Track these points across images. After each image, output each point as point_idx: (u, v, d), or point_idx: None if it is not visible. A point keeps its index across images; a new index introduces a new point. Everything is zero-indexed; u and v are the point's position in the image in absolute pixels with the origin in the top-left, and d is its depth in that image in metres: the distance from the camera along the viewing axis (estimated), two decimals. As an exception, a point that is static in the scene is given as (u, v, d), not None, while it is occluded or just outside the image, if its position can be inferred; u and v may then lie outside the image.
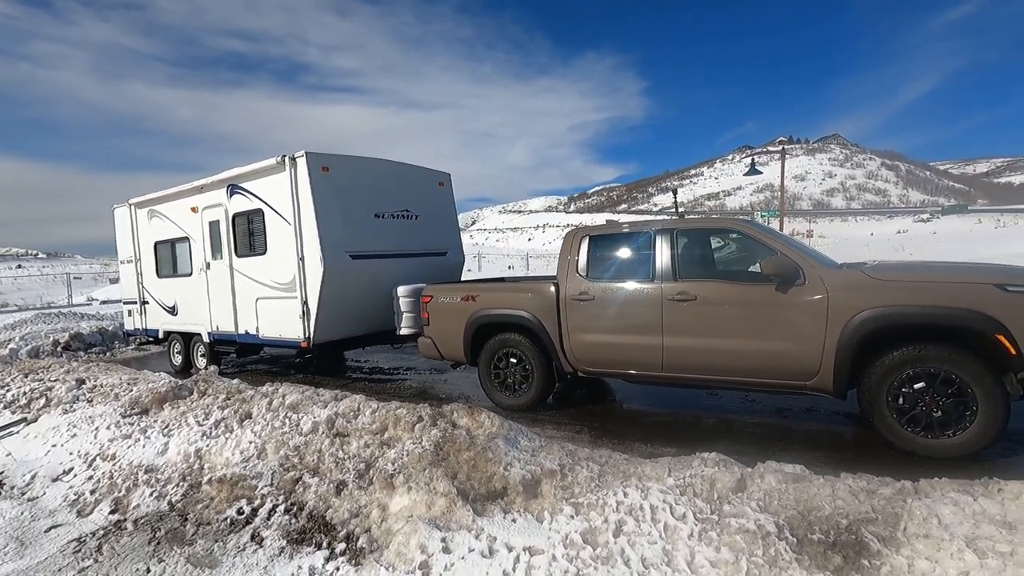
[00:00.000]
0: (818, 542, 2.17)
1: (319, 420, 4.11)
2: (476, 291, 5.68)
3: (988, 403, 3.51)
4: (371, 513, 3.12)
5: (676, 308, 4.52)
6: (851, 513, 2.27)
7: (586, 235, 5.19)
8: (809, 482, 2.52)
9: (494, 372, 5.57)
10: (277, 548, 3.02)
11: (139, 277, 9.36)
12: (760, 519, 2.31)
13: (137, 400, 5.15)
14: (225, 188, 7.48)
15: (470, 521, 2.78)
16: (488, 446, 3.28)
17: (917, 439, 3.72)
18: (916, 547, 2.06)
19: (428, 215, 7.88)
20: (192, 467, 4.02)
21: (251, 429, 4.22)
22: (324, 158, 6.59)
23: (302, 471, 3.70)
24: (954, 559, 1.98)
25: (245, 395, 4.85)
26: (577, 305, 5.01)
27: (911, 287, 3.78)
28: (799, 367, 4.09)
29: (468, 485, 3.04)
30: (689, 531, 2.36)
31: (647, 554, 2.30)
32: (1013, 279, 3.59)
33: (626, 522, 2.49)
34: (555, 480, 2.98)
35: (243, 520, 3.37)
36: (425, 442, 3.48)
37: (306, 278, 6.56)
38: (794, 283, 4.09)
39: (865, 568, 2.04)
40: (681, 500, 2.54)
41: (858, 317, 3.84)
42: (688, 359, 4.53)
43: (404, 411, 3.98)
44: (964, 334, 3.60)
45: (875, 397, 3.82)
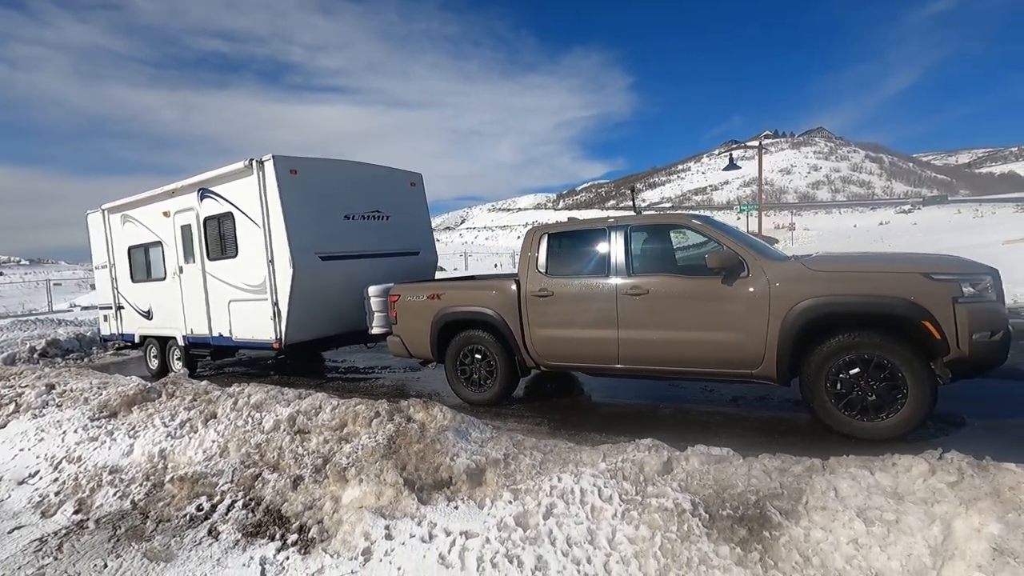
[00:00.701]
0: (727, 517, 2.32)
1: (281, 418, 4.21)
2: (441, 289, 5.80)
3: (917, 387, 3.69)
4: (324, 505, 3.23)
5: (629, 302, 4.67)
6: (761, 490, 2.42)
7: (545, 233, 5.32)
8: (729, 463, 2.67)
9: (460, 368, 5.70)
10: (232, 541, 3.13)
11: (114, 282, 9.37)
12: (678, 498, 2.46)
13: (106, 404, 5.22)
14: (196, 192, 7.53)
15: (414, 509, 2.90)
16: (437, 438, 3.40)
17: (854, 422, 3.89)
18: (813, 518, 2.22)
19: (400, 215, 7.98)
20: (156, 467, 4.11)
21: (215, 429, 4.32)
22: (292, 161, 6.66)
23: (262, 467, 3.80)
24: (845, 528, 2.13)
25: (211, 396, 4.94)
26: (537, 301, 5.14)
27: (846, 277, 3.95)
28: (745, 356, 4.25)
29: (416, 475, 3.16)
30: (613, 511, 2.50)
31: (572, 533, 2.44)
32: (939, 269, 3.77)
33: (556, 505, 2.62)
34: (499, 468, 3.11)
35: (202, 516, 3.47)
36: (379, 436, 3.60)
37: (276, 280, 6.64)
38: (738, 276, 4.25)
39: (766, 539, 2.19)
40: (610, 483, 2.68)
41: (798, 307, 4.00)
42: (642, 352, 4.68)
43: (363, 407, 4.09)
44: (894, 321, 3.78)
45: (814, 383, 3.99)
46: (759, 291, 4.16)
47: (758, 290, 4.16)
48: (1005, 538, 1.92)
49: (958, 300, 3.63)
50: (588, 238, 5.10)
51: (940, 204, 65.19)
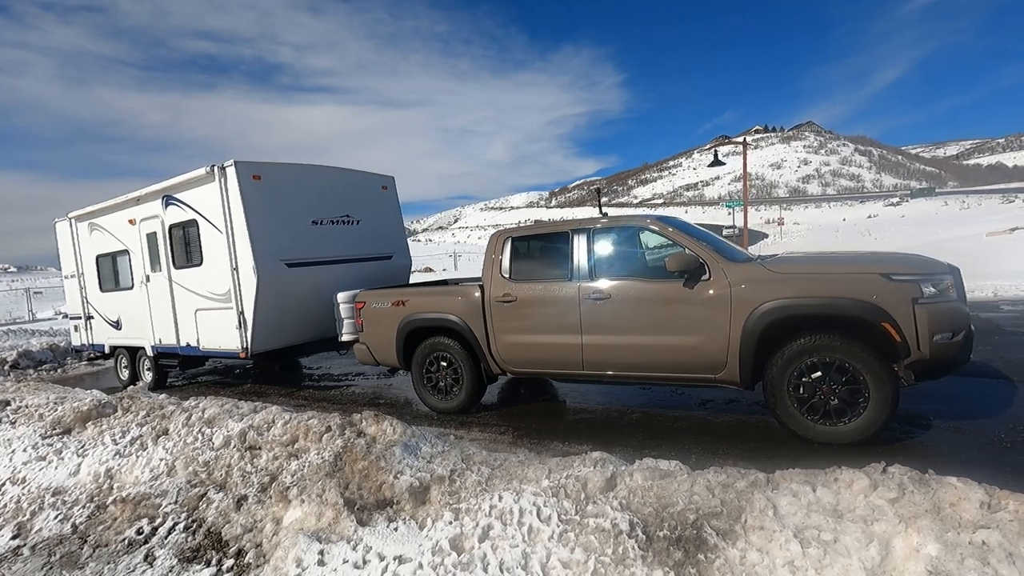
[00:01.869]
0: (664, 538, 2.22)
1: (231, 434, 4.08)
2: (406, 296, 5.68)
3: (878, 389, 3.61)
4: (265, 527, 3.12)
5: (592, 307, 4.57)
6: (701, 508, 2.32)
7: (509, 237, 5.21)
8: (674, 478, 2.57)
9: (426, 376, 5.58)
10: (167, 567, 3.00)
11: (83, 292, 9.19)
12: (617, 518, 2.35)
13: (60, 420, 5.07)
14: (161, 199, 7.37)
15: (351, 532, 2.79)
16: (383, 455, 3.29)
17: (816, 427, 3.81)
18: (751, 539, 2.12)
19: (371, 219, 7.84)
20: (101, 487, 3.98)
21: (163, 446, 4.18)
22: (255, 166, 6.52)
23: (208, 487, 3.68)
24: (781, 549, 2.04)
25: (166, 411, 4.80)
26: (501, 307, 5.03)
27: (806, 279, 3.87)
28: (708, 360, 4.16)
29: (358, 495, 3.05)
30: (551, 533, 2.40)
31: (506, 558, 2.33)
32: (899, 269, 3.69)
33: (494, 526, 2.52)
34: (443, 486, 3.00)
35: (141, 540, 3.34)
36: (326, 453, 3.48)
37: (241, 288, 6.50)
38: (699, 278, 4.16)
39: (701, 563, 2.09)
40: (550, 502, 2.57)
41: (759, 309, 3.91)
42: (606, 357, 4.58)
43: (315, 421, 3.97)
44: (854, 323, 3.69)
45: (777, 387, 3.91)
46: (720, 294, 4.07)
47: (719, 293, 4.07)
48: (942, 559, 1.83)
49: (918, 301, 3.55)
50: (551, 242, 5.00)
51: (928, 196, 65.59)
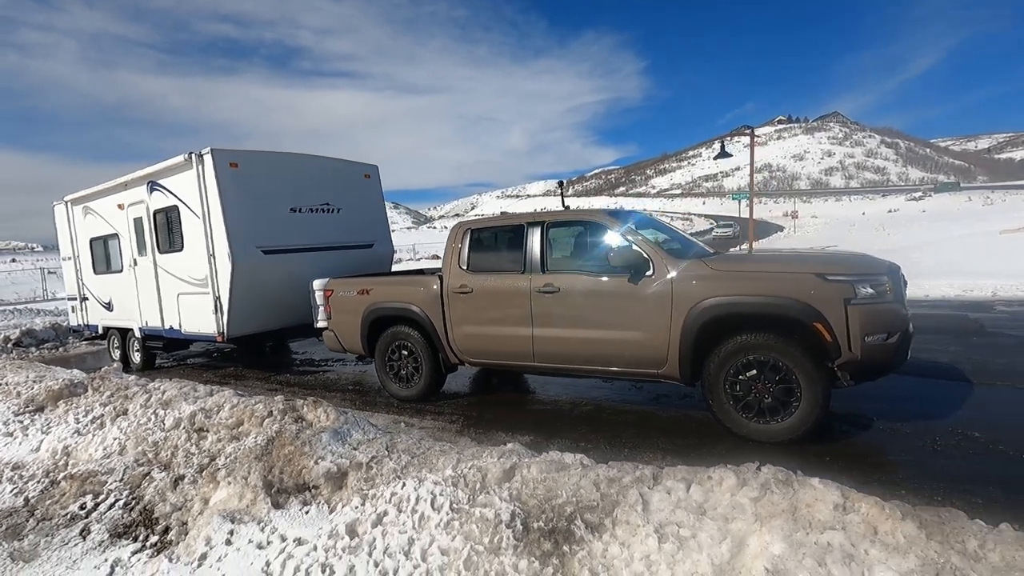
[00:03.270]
0: (538, 530, 2.28)
1: (182, 416, 4.22)
2: (370, 285, 5.76)
3: (809, 389, 3.61)
4: (193, 507, 3.24)
5: (542, 300, 4.61)
6: (581, 501, 2.38)
7: (468, 228, 5.25)
8: (568, 472, 2.62)
9: (388, 364, 5.68)
10: (97, 542, 3.15)
11: (78, 273, 9.45)
12: (501, 508, 2.42)
13: (33, 398, 5.28)
14: (146, 185, 7.53)
15: (264, 513, 2.89)
16: (310, 440, 3.39)
17: (750, 424, 3.82)
18: (616, 533, 2.17)
19: (352, 208, 7.93)
20: (57, 464, 4.15)
21: (119, 426, 4.35)
22: (232, 154, 6.63)
23: (153, 466, 3.82)
24: (641, 544, 2.08)
25: (130, 392, 4.97)
26: (458, 298, 5.09)
27: (744, 277, 3.86)
28: (651, 356, 4.18)
29: (278, 478, 3.15)
30: (439, 520, 2.47)
31: (392, 543, 2.41)
32: (834, 269, 3.67)
33: (388, 512, 2.60)
34: (360, 472, 3.09)
35: (83, 515, 3.49)
36: (261, 437, 3.60)
37: (217, 274, 6.65)
38: (644, 274, 4.17)
39: (565, 554, 2.15)
40: (447, 491, 2.64)
41: (698, 307, 3.92)
42: (554, 349, 4.62)
43: (260, 406, 4.09)
44: (787, 322, 3.69)
45: (714, 384, 3.92)
46: (662, 290, 4.08)
47: (661, 289, 4.08)
48: (784, 558, 1.86)
49: (850, 302, 3.53)
50: (506, 234, 5.04)
51: (952, 191, 63.78)
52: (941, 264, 15.20)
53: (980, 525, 1.85)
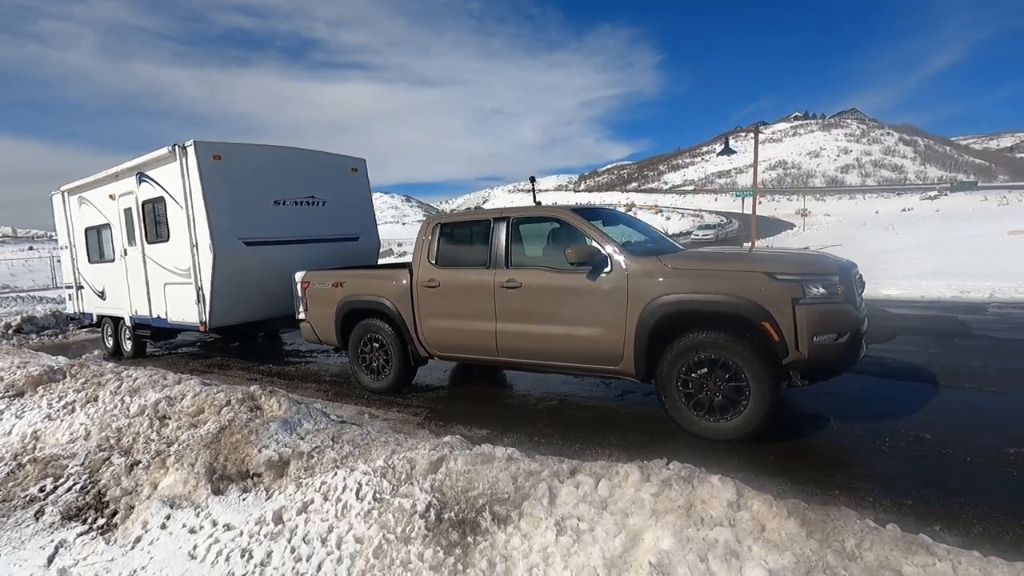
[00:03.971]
0: (448, 520, 2.32)
1: (147, 403, 4.32)
2: (344, 278, 5.83)
3: (757, 387, 3.62)
4: (142, 491, 3.33)
5: (505, 295, 4.64)
6: (496, 494, 2.41)
7: (438, 223, 5.29)
8: (491, 464, 2.66)
9: (361, 356, 5.75)
10: (48, 523, 3.25)
11: (74, 262, 9.63)
12: (419, 499, 2.47)
13: (13, 383, 5.42)
14: (135, 176, 7.65)
15: (203, 499, 2.97)
16: (258, 429, 3.46)
17: (701, 422, 3.84)
18: (520, 525, 2.21)
19: (337, 201, 8.00)
20: (26, 447, 4.27)
21: (87, 412, 4.46)
22: (215, 146, 6.71)
23: (114, 451, 3.92)
24: (540, 536, 2.12)
25: (103, 379, 5.08)
26: (427, 292, 5.14)
27: (696, 275, 3.86)
28: (607, 352, 4.20)
29: (222, 466, 3.23)
30: (360, 509, 2.52)
31: (312, 530, 2.47)
32: (784, 269, 3.65)
33: (315, 500, 2.66)
34: (301, 461, 3.15)
35: (42, 497, 3.60)
36: (214, 425, 3.68)
37: (200, 264, 6.75)
38: (602, 271, 4.19)
39: (468, 545, 2.19)
40: (373, 481, 2.70)
41: (651, 304, 3.93)
42: (517, 344, 4.66)
43: (222, 395, 4.17)
44: (736, 321, 3.69)
45: (667, 381, 3.94)
46: (619, 287, 4.09)
47: (618, 286, 4.09)
48: (670, 553, 1.89)
49: (799, 301, 3.52)
50: (474, 230, 5.07)
51: (968, 191, 62.40)
52: (944, 264, 15.00)
53: (864, 524, 1.86)
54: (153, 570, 2.50)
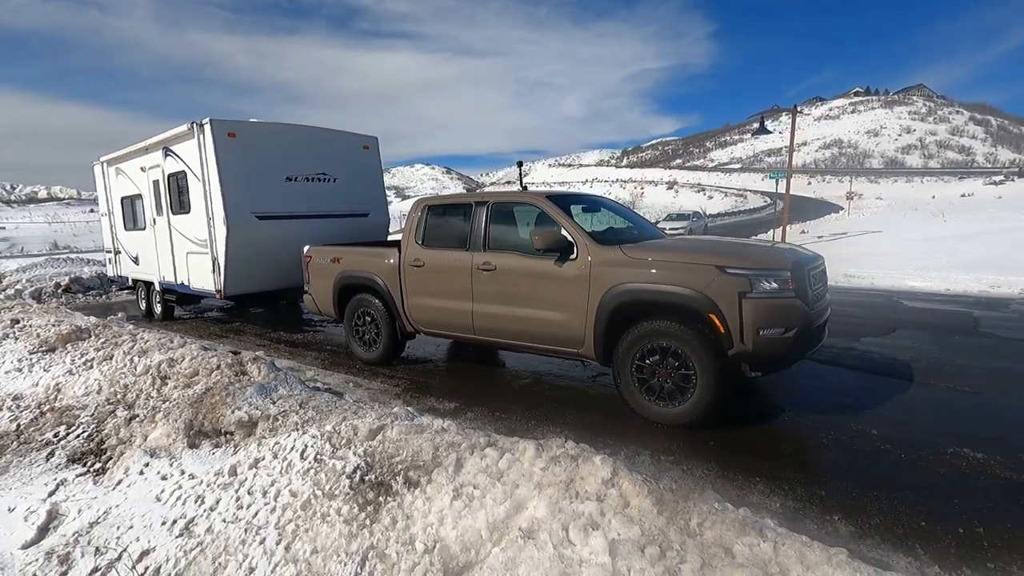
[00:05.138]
0: (369, 481, 2.60)
1: (151, 364, 4.77)
2: (341, 254, 6.15)
3: (704, 376, 3.75)
4: (135, 441, 3.75)
5: (481, 277, 4.86)
6: (415, 461, 2.68)
7: (426, 205, 5.52)
8: (421, 435, 2.92)
9: (355, 329, 6.10)
10: (56, 464, 3.71)
11: (112, 229, 10.34)
12: (350, 461, 2.76)
13: (46, 340, 6.00)
14: (161, 150, 8.13)
15: (179, 451, 3.35)
16: (236, 392, 3.83)
17: (651, 407, 4.00)
18: (426, 489, 2.46)
19: (349, 178, 8.31)
20: (48, 398, 4.80)
21: (101, 369, 4.95)
22: (230, 124, 7.08)
23: (119, 405, 4.38)
24: (439, 500, 2.37)
25: (120, 339, 5.59)
26: (412, 271, 5.40)
27: (651, 265, 3.98)
28: (570, 336, 4.39)
29: (199, 423, 3.61)
30: (300, 468, 2.83)
31: (256, 484, 2.80)
32: (734, 262, 3.73)
33: (265, 457, 2.99)
34: (267, 423, 3.50)
35: (55, 441, 4.09)
36: (201, 386, 4.07)
37: (216, 236, 7.20)
38: (568, 257, 4.35)
39: (379, 504, 2.46)
40: (318, 443, 3.00)
41: (610, 292, 4.08)
42: (490, 324, 4.89)
43: (215, 359, 4.58)
44: (685, 312, 3.81)
45: (622, 366, 4.11)
46: (582, 274, 4.25)
47: (582, 273, 4.25)
48: (540, 521, 2.11)
49: (745, 295, 3.60)
50: (457, 212, 5.28)
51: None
52: (983, 257, 14.32)
53: (711, 507, 2.03)
54: (125, 508, 2.89)
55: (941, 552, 2.41)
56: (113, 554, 2.52)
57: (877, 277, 11.69)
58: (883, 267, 13.03)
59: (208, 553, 2.40)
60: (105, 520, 2.82)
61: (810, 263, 3.99)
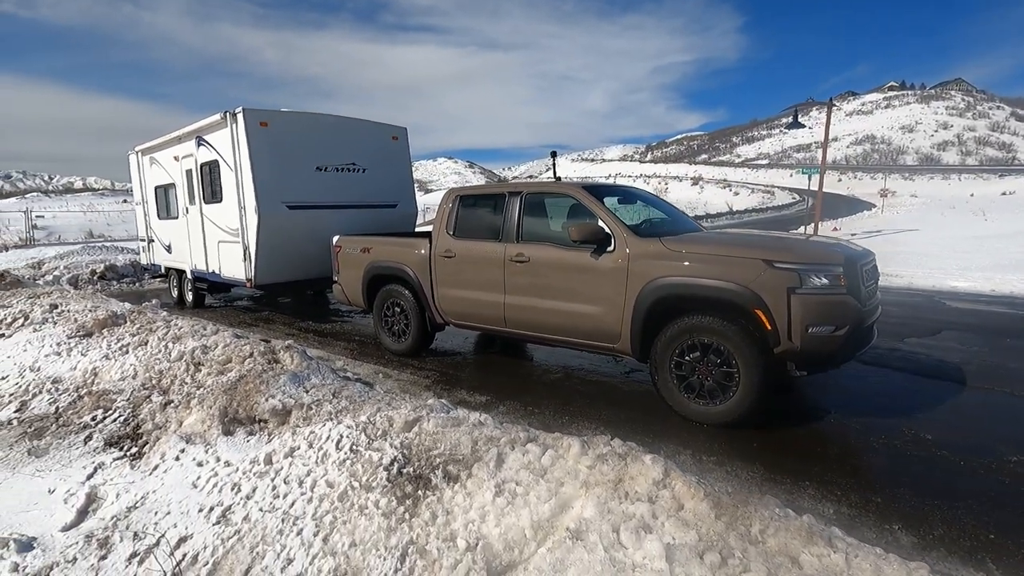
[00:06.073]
0: (407, 474, 2.54)
1: (185, 350, 4.80)
2: (371, 244, 6.12)
3: (747, 374, 3.61)
4: (170, 427, 3.76)
5: (514, 268, 4.77)
6: (453, 454, 2.60)
7: (458, 195, 5.44)
8: (458, 428, 2.84)
9: (384, 319, 6.07)
10: (93, 447, 3.74)
11: (146, 218, 10.51)
12: (387, 453, 2.70)
13: (83, 325, 6.10)
14: (194, 140, 8.21)
15: (214, 438, 3.34)
16: (270, 380, 3.81)
17: (690, 405, 3.88)
18: (466, 484, 2.39)
19: (377, 168, 8.28)
20: (86, 381, 4.86)
21: (136, 354, 5.00)
22: (262, 113, 7.10)
23: (154, 391, 4.41)
24: (480, 496, 2.29)
25: (155, 325, 5.65)
26: (443, 262, 5.34)
27: (693, 259, 3.84)
28: (606, 330, 4.27)
29: (235, 410, 3.59)
30: (336, 459, 2.79)
31: (293, 473, 2.76)
32: (783, 256, 3.57)
33: (301, 447, 2.95)
34: (301, 412, 3.46)
35: (93, 424, 4.13)
36: (235, 374, 4.07)
37: (247, 225, 7.24)
38: (605, 250, 4.23)
39: (418, 497, 2.39)
40: (353, 434, 2.95)
41: (649, 285, 3.96)
42: (523, 317, 4.80)
43: (248, 347, 4.58)
44: (729, 307, 3.66)
45: (660, 363, 3.98)
46: (620, 267, 4.13)
47: (619, 266, 4.13)
48: (589, 521, 2.02)
49: (795, 291, 3.45)
50: (489, 203, 5.19)
51: (1086, 173, 55.40)
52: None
53: (774, 512, 1.91)
54: (161, 493, 2.88)
55: (1016, 569, 2.25)
56: (151, 539, 2.50)
57: (916, 276, 11.29)
58: (922, 266, 12.58)
59: (246, 542, 2.37)
60: (143, 505, 2.82)
61: (862, 259, 3.81)
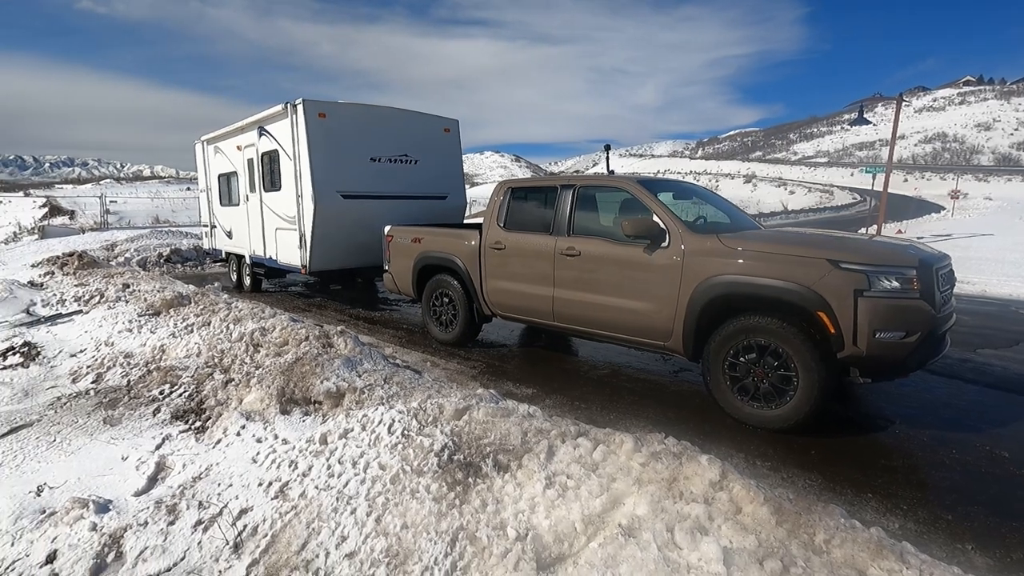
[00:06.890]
0: (458, 461, 2.56)
1: (245, 331, 5.00)
2: (422, 234, 6.20)
3: (806, 378, 3.47)
4: (231, 403, 3.93)
5: (564, 262, 4.74)
6: (504, 444, 2.61)
7: (509, 187, 5.44)
8: (508, 418, 2.85)
9: (432, 309, 6.15)
10: (161, 419, 3.96)
11: (209, 204, 11.00)
12: (438, 439, 2.73)
13: (151, 305, 6.46)
14: (256, 130, 8.52)
15: (272, 416, 3.47)
16: (325, 363, 3.92)
17: (744, 408, 3.76)
18: (516, 475, 2.39)
19: (429, 160, 8.38)
20: (155, 357, 5.14)
21: (200, 334, 5.25)
22: (321, 105, 7.30)
23: (216, 369, 4.62)
24: (531, 487, 2.29)
25: (217, 307, 5.92)
26: (493, 253, 5.36)
27: (754, 257, 3.70)
28: (657, 327, 4.20)
29: (292, 391, 3.72)
30: (388, 442, 2.85)
31: (346, 454, 2.84)
32: (850, 256, 3.40)
33: (354, 429, 3.03)
34: (354, 395, 3.56)
35: (160, 398, 4.37)
36: (291, 356, 4.21)
37: (303, 213, 7.47)
38: (659, 245, 4.14)
39: (469, 485, 2.42)
40: (405, 419, 3.01)
41: (705, 283, 3.86)
42: (572, 311, 4.77)
43: (303, 331, 4.73)
44: (789, 308, 3.52)
45: (713, 363, 3.88)
46: (674, 263, 4.04)
47: (673, 262, 4.04)
48: (642, 519, 1.99)
49: (863, 293, 3.28)
50: (541, 195, 5.17)
51: None
52: (1121, 266, 12.64)
53: (840, 523, 1.82)
54: (224, 466, 3.02)
55: (1106, 599, 2.09)
56: (215, 509, 2.63)
57: (990, 284, 10.58)
58: (998, 273, 11.77)
59: (302, 517, 2.45)
60: (207, 476, 2.96)
61: (938, 262, 3.59)
